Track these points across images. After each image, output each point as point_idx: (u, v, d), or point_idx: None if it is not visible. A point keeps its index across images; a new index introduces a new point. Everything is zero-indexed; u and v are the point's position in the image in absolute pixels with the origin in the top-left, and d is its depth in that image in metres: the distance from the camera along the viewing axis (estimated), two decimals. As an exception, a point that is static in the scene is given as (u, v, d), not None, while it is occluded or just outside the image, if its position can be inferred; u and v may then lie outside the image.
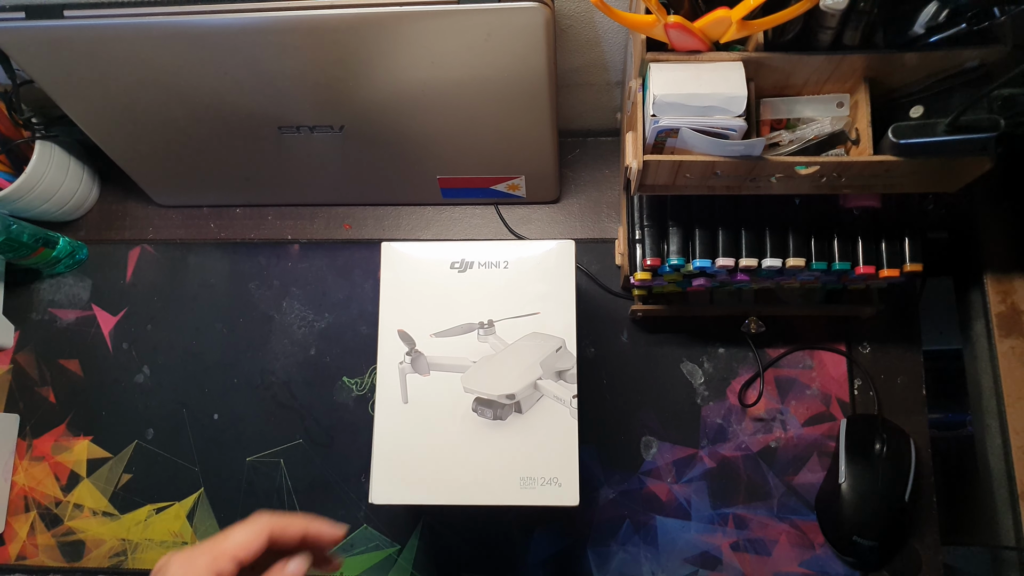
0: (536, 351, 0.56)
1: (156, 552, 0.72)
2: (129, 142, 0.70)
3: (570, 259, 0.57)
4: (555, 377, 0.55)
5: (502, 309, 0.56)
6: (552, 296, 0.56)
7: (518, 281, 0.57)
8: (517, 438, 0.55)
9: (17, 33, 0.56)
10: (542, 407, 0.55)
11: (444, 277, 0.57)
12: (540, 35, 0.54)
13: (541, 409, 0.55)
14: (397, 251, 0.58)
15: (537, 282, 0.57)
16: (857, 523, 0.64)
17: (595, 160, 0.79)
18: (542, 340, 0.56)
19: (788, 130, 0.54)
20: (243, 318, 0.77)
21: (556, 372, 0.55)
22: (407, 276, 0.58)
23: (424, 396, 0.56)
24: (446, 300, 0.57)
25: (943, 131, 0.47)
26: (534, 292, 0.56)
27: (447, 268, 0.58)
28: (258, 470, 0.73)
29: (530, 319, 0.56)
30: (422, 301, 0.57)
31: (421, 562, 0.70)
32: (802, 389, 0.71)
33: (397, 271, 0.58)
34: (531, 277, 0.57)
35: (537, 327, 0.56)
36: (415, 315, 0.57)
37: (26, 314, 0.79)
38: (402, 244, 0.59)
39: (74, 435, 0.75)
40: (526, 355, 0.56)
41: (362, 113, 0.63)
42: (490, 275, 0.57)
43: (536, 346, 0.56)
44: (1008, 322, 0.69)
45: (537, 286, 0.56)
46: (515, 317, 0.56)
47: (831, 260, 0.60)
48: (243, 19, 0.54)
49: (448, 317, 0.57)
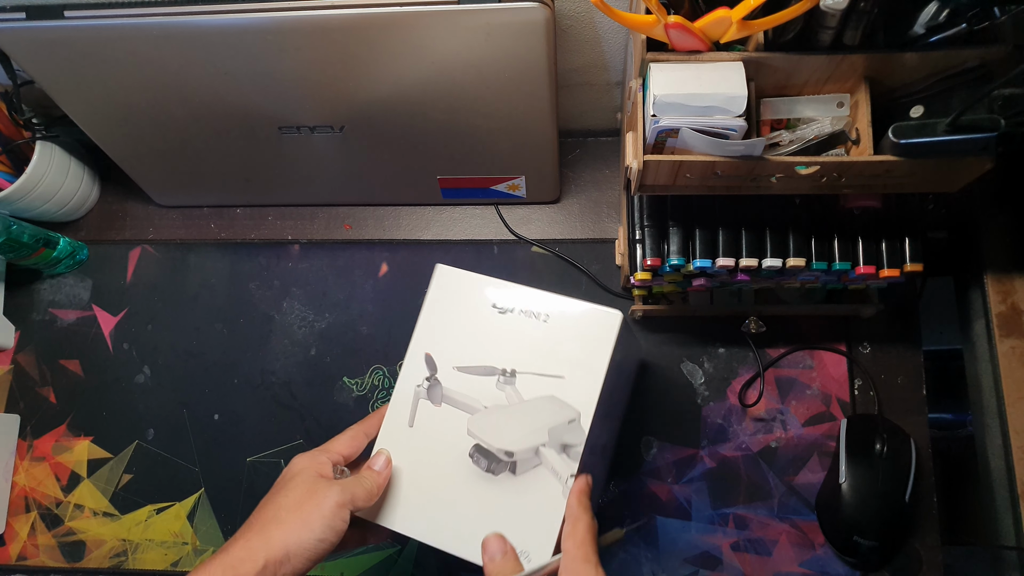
0: (548, 416, 0.52)
1: (156, 552, 0.72)
2: (129, 142, 0.70)
3: (612, 329, 0.52)
4: (559, 449, 0.51)
5: (529, 362, 0.53)
6: (581, 364, 0.52)
7: (553, 338, 0.53)
8: (503, 498, 0.51)
9: (18, 33, 0.56)
10: (537, 475, 0.51)
11: (485, 314, 0.54)
12: (540, 35, 0.54)
13: (535, 477, 0.51)
14: (449, 275, 0.56)
15: (571, 344, 0.52)
16: (857, 523, 0.64)
17: (595, 160, 0.79)
18: (558, 407, 0.52)
19: (788, 130, 0.54)
20: (243, 318, 0.77)
21: (561, 444, 0.51)
22: (450, 302, 0.55)
23: (430, 425, 0.54)
24: (479, 337, 0.54)
25: (943, 131, 0.47)
26: (565, 354, 0.52)
27: (490, 306, 0.55)
28: (258, 470, 0.73)
29: (552, 381, 0.52)
30: (456, 332, 0.55)
31: (421, 562, 0.70)
32: (802, 389, 0.71)
33: (444, 294, 0.56)
34: (566, 336, 0.52)
35: (557, 391, 0.52)
36: (445, 343, 0.55)
37: (27, 314, 0.79)
38: (457, 271, 0.56)
39: (75, 435, 0.76)
40: (536, 417, 0.52)
41: (362, 113, 0.63)
42: (528, 324, 0.53)
43: (550, 411, 0.52)
44: (1008, 322, 0.69)
45: (570, 349, 0.52)
46: (537, 375, 0.52)
47: (831, 260, 0.60)
48: (243, 19, 0.54)
49: (476, 354, 0.54)
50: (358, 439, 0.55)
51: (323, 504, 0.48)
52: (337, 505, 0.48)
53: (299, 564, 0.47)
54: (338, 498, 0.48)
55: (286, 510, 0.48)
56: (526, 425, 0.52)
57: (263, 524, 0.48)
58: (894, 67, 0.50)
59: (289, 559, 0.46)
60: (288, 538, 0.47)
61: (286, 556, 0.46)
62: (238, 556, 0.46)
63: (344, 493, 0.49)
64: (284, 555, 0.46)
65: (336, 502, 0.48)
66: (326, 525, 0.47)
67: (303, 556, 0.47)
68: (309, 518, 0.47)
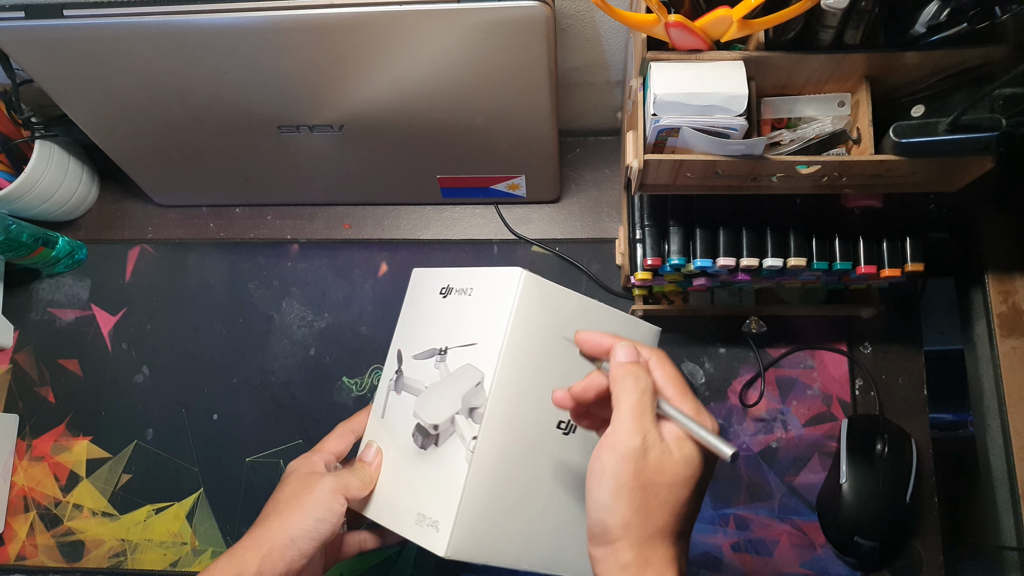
0: (463, 383, 0.51)
1: (155, 553, 0.72)
2: (128, 142, 0.70)
3: (512, 287, 0.51)
4: (467, 413, 0.50)
5: (457, 336, 0.53)
6: (488, 327, 0.51)
7: (473, 309, 0.53)
8: (427, 470, 0.52)
9: (16, 32, 0.56)
10: (451, 443, 0.51)
11: (433, 301, 0.57)
12: (540, 34, 0.54)
13: (450, 445, 0.51)
14: (419, 276, 0.60)
15: (482, 310, 0.53)
16: (858, 523, 0.64)
17: (596, 159, 0.79)
18: (470, 373, 0.51)
19: (789, 129, 0.54)
20: (242, 318, 0.77)
21: (469, 408, 0.50)
22: (417, 299, 0.59)
23: (393, 414, 0.57)
24: (428, 324, 0.57)
25: (944, 130, 0.47)
26: (480, 321, 0.52)
27: (436, 293, 0.57)
28: (257, 470, 0.73)
29: (470, 349, 0.52)
30: (416, 324, 0.58)
31: (421, 563, 0.70)
32: (803, 389, 0.71)
33: (414, 294, 0.59)
34: (481, 304, 0.53)
35: (473, 358, 0.51)
36: (409, 336, 0.58)
37: (25, 314, 0.79)
38: (426, 270, 0.59)
39: (73, 435, 0.75)
40: (454, 387, 0.52)
41: (361, 112, 0.63)
42: (460, 301, 0.55)
43: (465, 378, 0.52)
44: (1009, 322, 0.69)
45: (482, 314, 0.52)
46: (460, 347, 0.53)
47: (832, 260, 0.60)
48: (243, 19, 0.53)
49: (427, 340, 0.56)
50: (346, 437, 0.59)
51: (318, 491, 0.52)
52: (331, 491, 0.52)
53: (304, 546, 0.50)
54: (332, 485, 0.52)
55: (284, 502, 0.52)
56: (445, 397, 0.52)
57: (264, 517, 0.52)
58: (895, 66, 0.50)
59: (294, 542, 0.50)
60: (287, 523, 0.51)
61: (290, 540, 0.50)
62: (243, 546, 0.50)
63: (337, 481, 0.53)
64: (288, 539, 0.50)
65: (330, 488, 0.52)
66: (324, 508, 0.51)
67: (306, 538, 0.50)
68: (305, 504, 0.51)
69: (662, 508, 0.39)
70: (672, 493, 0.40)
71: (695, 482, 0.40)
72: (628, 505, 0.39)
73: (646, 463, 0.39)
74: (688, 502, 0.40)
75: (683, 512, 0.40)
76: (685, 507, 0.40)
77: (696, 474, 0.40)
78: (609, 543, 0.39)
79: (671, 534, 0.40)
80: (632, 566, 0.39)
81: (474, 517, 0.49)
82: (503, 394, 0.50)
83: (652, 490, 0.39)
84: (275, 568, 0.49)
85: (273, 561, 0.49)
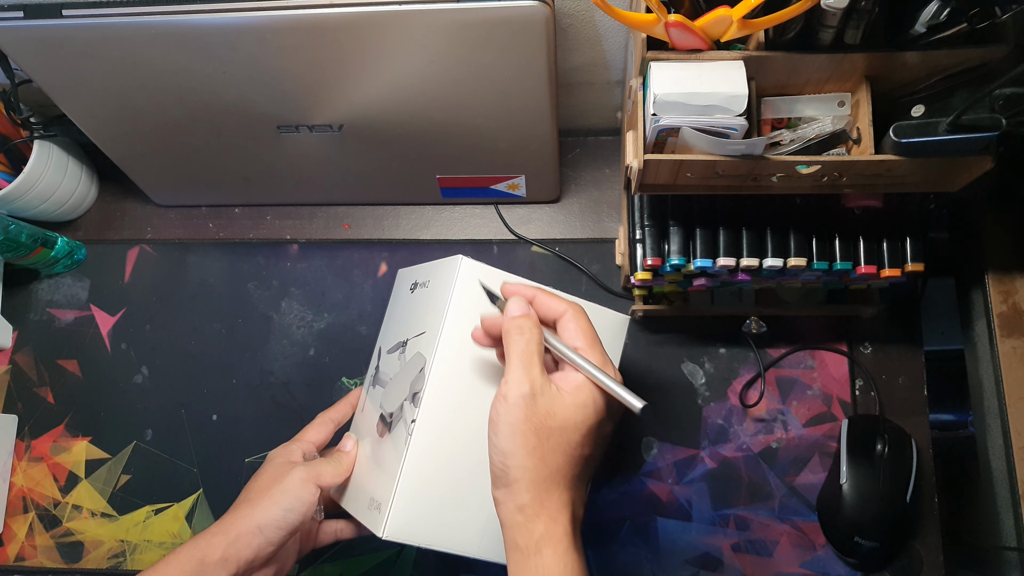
0: (411, 371, 0.53)
1: (155, 553, 0.72)
2: (128, 142, 0.70)
3: (452, 274, 0.52)
4: (411, 399, 0.52)
5: (414, 328, 0.56)
6: (434, 315, 0.53)
7: (427, 301, 0.56)
8: (381, 458, 0.54)
9: (15, 32, 0.56)
10: (398, 429, 0.53)
11: (404, 297, 0.60)
12: (540, 34, 0.54)
13: (398, 430, 0.53)
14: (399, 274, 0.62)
15: (432, 300, 0.55)
16: (858, 524, 0.64)
17: (595, 159, 0.79)
18: (417, 360, 0.53)
19: (789, 129, 0.54)
20: (242, 318, 0.77)
21: (412, 394, 0.52)
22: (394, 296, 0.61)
23: (369, 407, 0.59)
24: (400, 319, 0.59)
25: (944, 130, 0.47)
26: (430, 311, 0.54)
27: (407, 290, 0.59)
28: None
29: (422, 338, 0.54)
30: (394, 320, 0.61)
31: (421, 563, 0.70)
32: (803, 389, 0.71)
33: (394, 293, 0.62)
34: (432, 295, 0.55)
35: (422, 347, 0.53)
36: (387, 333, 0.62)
37: (24, 314, 0.79)
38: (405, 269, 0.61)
39: (73, 436, 0.75)
40: (405, 375, 0.54)
41: (362, 113, 0.63)
42: (422, 295, 0.57)
43: (413, 366, 0.53)
44: (1010, 322, 0.69)
45: (432, 304, 0.54)
46: (415, 337, 0.55)
47: (833, 260, 0.60)
48: (242, 18, 0.53)
49: (397, 335, 0.59)
50: (326, 426, 0.62)
51: (288, 480, 0.54)
52: (302, 480, 0.54)
53: (271, 534, 0.52)
54: (303, 474, 0.54)
55: (255, 491, 0.54)
56: (398, 385, 0.55)
57: (236, 506, 0.55)
58: (895, 66, 0.50)
59: (261, 530, 0.52)
60: (255, 512, 0.52)
61: (257, 528, 0.52)
62: (211, 531, 0.52)
63: (309, 470, 0.54)
64: (255, 527, 0.52)
65: (301, 478, 0.54)
66: (292, 497, 0.53)
67: (274, 526, 0.52)
68: (275, 493, 0.53)
69: (555, 451, 0.42)
70: (563, 436, 0.42)
71: (587, 427, 0.43)
72: (523, 447, 0.41)
73: (536, 408, 0.42)
74: (580, 445, 0.42)
75: (576, 455, 0.42)
76: (577, 450, 0.42)
77: (588, 420, 0.43)
78: (508, 485, 0.42)
79: (567, 477, 0.42)
80: (528, 507, 0.41)
81: (413, 499, 0.50)
82: (442, 378, 0.51)
83: (544, 433, 0.42)
84: (240, 555, 0.51)
85: (239, 548, 0.51)
